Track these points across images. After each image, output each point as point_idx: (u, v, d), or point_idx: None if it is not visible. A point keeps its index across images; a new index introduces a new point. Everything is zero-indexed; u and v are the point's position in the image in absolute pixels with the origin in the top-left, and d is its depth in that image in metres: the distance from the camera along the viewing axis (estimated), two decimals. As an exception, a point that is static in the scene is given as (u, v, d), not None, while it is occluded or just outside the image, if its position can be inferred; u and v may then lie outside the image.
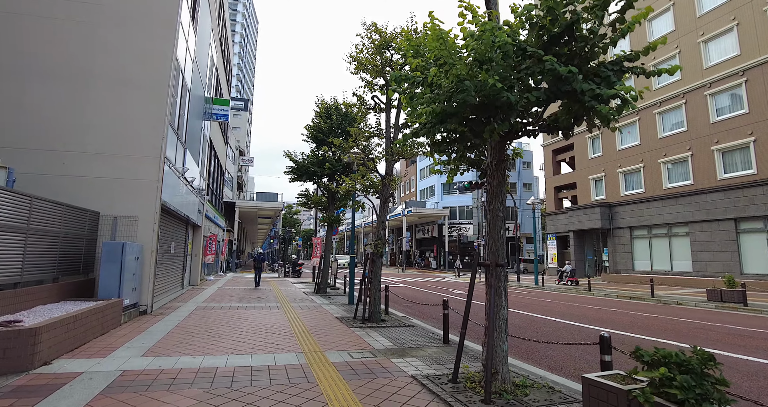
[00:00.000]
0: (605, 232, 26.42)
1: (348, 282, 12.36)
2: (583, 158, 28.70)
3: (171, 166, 10.32)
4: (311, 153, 15.43)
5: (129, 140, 9.20)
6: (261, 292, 14.69)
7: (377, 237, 9.10)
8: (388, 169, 9.33)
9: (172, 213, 11.65)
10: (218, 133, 23.81)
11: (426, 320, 9.81)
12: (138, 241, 8.84)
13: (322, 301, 12.38)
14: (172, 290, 12.79)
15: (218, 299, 12.26)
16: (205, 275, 20.80)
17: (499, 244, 4.71)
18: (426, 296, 15.62)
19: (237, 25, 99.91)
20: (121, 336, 6.42)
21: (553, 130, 4.71)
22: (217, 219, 24.17)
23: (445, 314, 6.90)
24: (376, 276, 8.92)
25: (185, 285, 15.63)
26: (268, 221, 47.12)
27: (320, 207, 16.29)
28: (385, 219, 9.28)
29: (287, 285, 18.23)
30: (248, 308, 10.38)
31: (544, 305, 13.25)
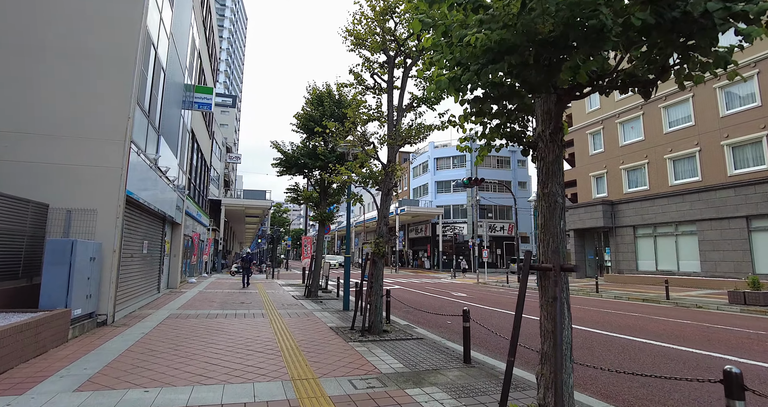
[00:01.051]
0: (607, 231, 25.49)
1: (343, 285, 11.09)
2: (583, 154, 27.77)
3: (140, 153, 8.95)
4: (301, 144, 14.12)
5: (87, 120, 7.83)
6: (245, 296, 13.34)
7: (378, 235, 7.85)
8: (390, 155, 8.09)
9: (143, 207, 10.27)
10: (202, 126, 22.36)
11: (432, 329, 8.60)
12: (97, 239, 7.48)
13: (313, 307, 11.09)
14: (144, 295, 11.39)
15: (196, 305, 10.90)
16: (187, 277, 19.35)
17: (560, 240, 3.50)
18: (426, 300, 14.41)
19: (225, 20, 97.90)
20: (61, 359, 5.08)
21: (630, 86, 3.52)
22: (201, 217, 22.70)
23: (466, 327, 5.67)
24: (378, 280, 7.68)
25: (162, 288, 14.21)
26: (256, 220, 45.56)
27: (311, 204, 14.99)
28: (387, 213, 8.04)
29: (275, 288, 16.89)
30: (228, 316, 9.06)
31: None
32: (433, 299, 14.71)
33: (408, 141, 8.00)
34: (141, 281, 11.03)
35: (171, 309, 9.83)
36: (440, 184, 46.29)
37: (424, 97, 8.44)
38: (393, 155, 8.08)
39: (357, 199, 9.26)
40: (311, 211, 15.64)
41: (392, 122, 8.21)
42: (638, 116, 23.86)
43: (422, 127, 8.12)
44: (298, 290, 16.28)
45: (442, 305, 12.81)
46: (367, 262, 8.11)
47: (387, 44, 8.50)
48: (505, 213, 44.96)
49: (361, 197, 9.34)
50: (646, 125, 23.45)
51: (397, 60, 8.63)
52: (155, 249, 12.89)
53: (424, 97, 8.44)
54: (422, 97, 8.46)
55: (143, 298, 11.19)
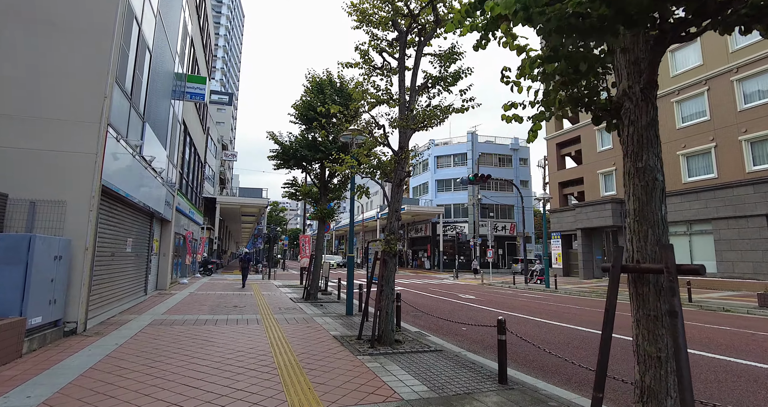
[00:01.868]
0: (616, 230, 24.63)
1: (346, 287, 10.13)
2: (590, 151, 26.92)
3: (120, 139, 7.96)
4: (300, 135, 13.14)
5: (56, 99, 6.84)
6: (239, 299, 12.36)
7: (389, 231, 6.90)
8: (402, 141, 7.14)
9: (125, 201, 9.27)
10: (195, 119, 21.34)
11: (447, 337, 7.66)
12: (66, 234, 6.49)
13: (313, 311, 10.12)
14: (128, 297, 10.39)
15: (185, 309, 9.91)
16: (178, 277, 18.33)
17: (662, 231, 2.57)
18: (434, 303, 13.46)
19: (222, 17, 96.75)
20: (3, 382, 4.10)
21: (753, 23, 2.57)
22: (194, 214, 21.68)
23: (501, 341, 4.71)
24: (389, 283, 6.73)
25: (150, 290, 13.20)
26: (252, 219, 44.53)
27: (310, 200, 14.01)
28: (399, 207, 7.09)
29: (272, 290, 15.91)
30: (219, 323, 8.07)
31: (586, 316, 11.20)
32: (440, 302, 13.77)
33: (424, 124, 7.04)
34: (124, 282, 10.03)
35: (156, 314, 8.83)
36: (441, 183, 45.37)
37: (440, 76, 7.49)
38: (406, 141, 7.13)
39: (363, 192, 8.31)
40: (310, 208, 14.67)
41: (404, 104, 7.26)
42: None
43: (439, 108, 7.16)
44: (296, 292, 15.30)
45: (453, 309, 11.87)
46: (376, 262, 7.16)
47: (398, 18, 7.55)
48: (506, 212, 44.11)
49: (367, 189, 8.39)
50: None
51: (409, 37, 7.70)
52: (142, 247, 11.89)
53: (440, 75, 7.49)
54: (438, 76, 7.52)
55: (127, 301, 10.19)
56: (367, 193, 8.39)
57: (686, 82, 21.05)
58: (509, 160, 45.40)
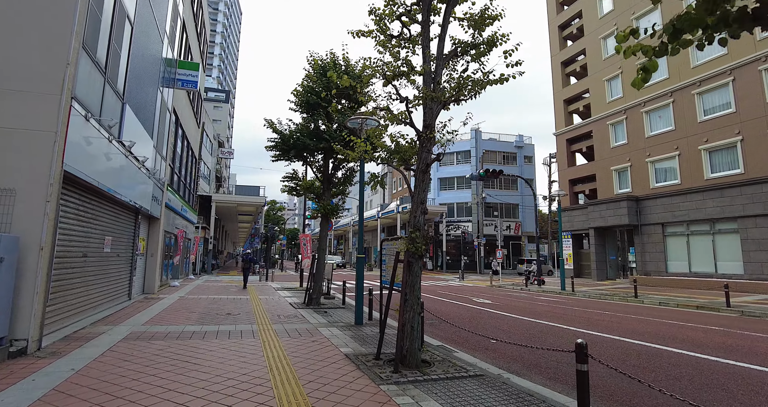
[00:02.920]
0: (632, 229, 23.49)
1: (354, 291, 8.89)
2: (603, 147, 25.75)
3: (91, 118, 6.71)
4: (302, 122, 11.89)
5: (1, 63, 5.58)
6: (234, 304, 11.11)
7: (413, 227, 5.68)
8: (428, 118, 5.91)
9: (101, 193, 8.02)
10: (188, 111, 20.05)
11: (478, 353, 6.46)
12: (14, 231, 5.24)
13: (317, 320, 8.88)
14: (106, 304, 9.13)
15: (170, 317, 8.65)
16: (169, 279, 17.05)
17: None
18: (448, 308, 12.24)
19: (219, 14, 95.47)
20: None
21: None
22: (187, 212, 20.39)
23: (582, 372, 3.46)
24: (414, 291, 5.50)
25: (135, 294, 11.94)
26: (249, 219, 43.21)
27: (312, 195, 12.75)
28: (424, 197, 5.86)
29: (269, 293, 14.66)
30: (208, 336, 6.83)
31: (618, 322, 9.99)
32: (455, 307, 12.54)
33: (455, 97, 5.82)
34: (101, 287, 8.77)
35: (135, 325, 7.57)
36: (443, 181, 44.18)
37: (472, 42, 6.26)
38: (432, 117, 5.90)
39: (377, 181, 7.07)
40: (312, 203, 13.41)
41: (429, 74, 6.03)
42: (668, 104, 21.86)
43: (471, 80, 5.91)
44: (296, 296, 14.06)
45: (472, 316, 10.65)
46: (397, 265, 5.94)
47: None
48: (511, 211, 42.96)
49: (383, 178, 7.16)
50: (676, 114, 21.44)
51: (434, 2, 6.47)
52: (124, 247, 10.62)
53: (473, 41, 6.26)
54: (470, 43, 6.28)
55: (104, 309, 8.93)
56: (383, 182, 7.16)
57: (709, 72, 19.90)
58: (513, 157, 44.24)
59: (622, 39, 2.54)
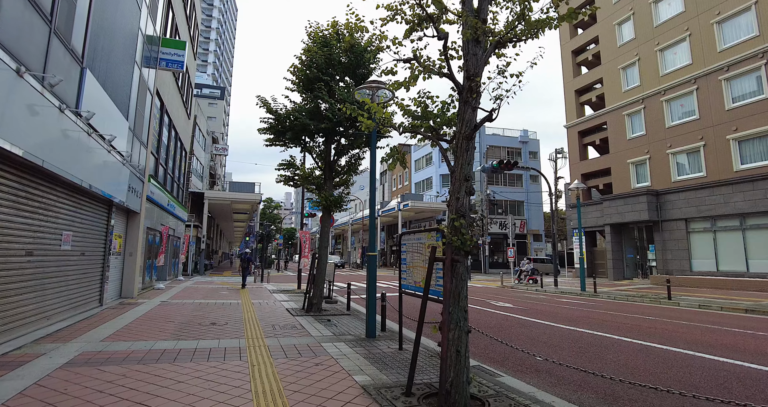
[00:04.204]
0: (651, 226, 22.07)
1: (366, 296, 7.35)
2: (619, 139, 24.32)
3: (25, 73, 5.15)
4: (300, 103, 10.34)
5: None
6: (222, 311, 9.57)
7: (457, 212, 4.17)
8: (472, 67, 4.38)
9: (52, 177, 6.48)
10: (177, 99, 18.44)
11: (528, 376, 4.97)
12: None
13: (319, 332, 7.35)
14: (64, 313, 7.58)
15: (140, 330, 7.10)
16: (154, 281, 15.48)
17: None
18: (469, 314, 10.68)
19: (214, 9, 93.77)
20: None
21: None
22: (175, 208, 18.81)
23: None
24: (460, 302, 3.98)
25: (108, 299, 10.38)
26: (244, 217, 41.63)
27: (311, 186, 11.19)
28: (469, 173, 4.34)
29: (264, 296, 13.11)
30: (181, 356, 5.29)
31: (674, 331, 8.51)
32: (476, 312, 11.06)
33: (510, 37, 4.30)
34: (56, 293, 7.22)
35: (90, 342, 6.02)
36: (446, 178, 42.65)
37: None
38: (478, 66, 4.38)
39: (398, 158, 5.54)
40: (312, 195, 11.88)
41: (471, 11, 4.51)
42: (691, 92, 20.43)
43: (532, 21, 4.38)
44: (294, 299, 12.53)
45: (498, 324, 9.15)
46: (432, 266, 4.44)
47: None
48: (516, 208, 41.51)
49: (404, 155, 5.63)
50: (700, 101, 20.01)
51: None
52: (93, 244, 9.07)
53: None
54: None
55: (60, 319, 7.37)
56: (403, 160, 5.63)
57: (739, 56, 18.47)
58: (518, 153, 42.81)
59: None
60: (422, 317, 4.25)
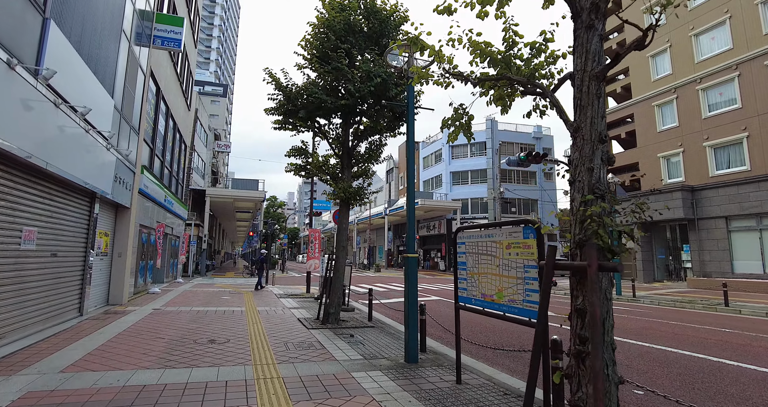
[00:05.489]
0: (685, 224, 20.47)
1: (405, 310, 5.81)
2: (648, 131, 22.73)
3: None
4: (314, 79, 8.80)
5: None
6: (223, 322, 8.08)
7: (591, 190, 2.65)
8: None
9: (5, 156, 4.99)
10: (176, 87, 16.97)
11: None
12: None
13: (344, 353, 5.84)
14: (26, 330, 6.11)
15: (117, 351, 5.61)
16: (149, 284, 14.02)
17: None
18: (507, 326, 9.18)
19: (216, 6, 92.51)
20: None
21: None
22: (173, 205, 17.35)
23: None
24: (605, 335, 2.45)
25: (91, 307, 8.91)
26: (247, 216, 40.18)
27: (325, 177, 9.67)
28: (603, 131, 2.84)
29: (270, 302, 11.61)
30: (165, 400, 3.80)
31: (746, 344, 6.96)
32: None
33: None
34: (12, 304, 5.73)
35: (46, 372, 4.53)
36: (456, 175, 41.15)
37: None
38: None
39: (462, 124, 4.01)
40: (323, 185, 10.37)
41: None
42: (731, 79, 18.82)
43: None
44: (304, 305, 11.04)
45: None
46: (548, 271, 2.91)
47: None
48: (529, 207, 39.91)
49: (471, 119, 4.12)
50: (743, 89, 18.41)
51: None
52: (68, 243, 7.59)
53: None
54: None
55: (21, 336, 5.89)
56: (469, 125, 4.11)
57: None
58: (532, 149, 41.12)
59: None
60: (542, 354, 2.72)
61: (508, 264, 3.90)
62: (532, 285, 3.60)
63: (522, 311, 3.70)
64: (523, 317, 3.67)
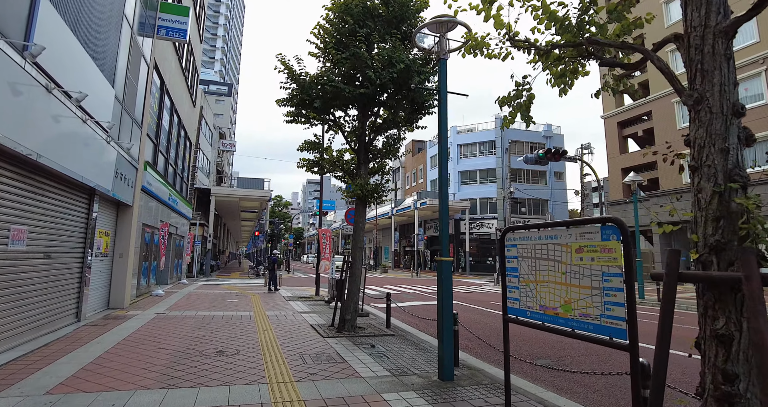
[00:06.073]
0: (708, 225, 19.65)
1: (438, 321, 5.16)
2: (667, 128, 21.97)
3: None
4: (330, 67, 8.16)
5: None
6: (231, 329, 7.45)
7: (729, 178, 1.99)
8: None
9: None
10: (180, 82, 16.41)
11: None
12: None
13: (371, 370, 5.19)
14: (15, 339, 5.49)
15: (114, 368, 4.99)
16: (152, 286, 13.44)
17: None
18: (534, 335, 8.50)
19: (221, 5, 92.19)
20: None
21: None
22: (177, 203, 16.79)
23: None
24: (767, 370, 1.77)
25: (90, 311, 8.33)
26: (252, 216, 39.60)
27: (338, 173, 9.04)
28: (738, 102, 2.19)
29: (280, 306, 10.99)
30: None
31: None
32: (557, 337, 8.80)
33: None
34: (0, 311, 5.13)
35: (31, 393, 3.92)
36: (464, 175, 40.45)
37: None
38: None
39: (521, 105, 3.37)
40: (338, 181, 9.76)
41: None
42: (758, 73, 18.08)
43: None
44: (316, 310, 10.41)
45: (619, 361, 6.96)
46: (668, 282, 2.26)
47: None
48: (539, 207, 39.16)
49: (532, 99, 3.48)
50: (771, 84, 17.63)
51: None
52: (64, 244, 7.00)
53: None
54: None
55: (8, 348, 5.28)
56: (527, 108, 3.48)
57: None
58: (542, 148, 40.34)
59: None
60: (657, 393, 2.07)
61: (579, 271, 3.25)
62: (615, 298, 2.95)
63: (600, 328, 3.04)
64: (600, 335, 3.02)
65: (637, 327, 2.79)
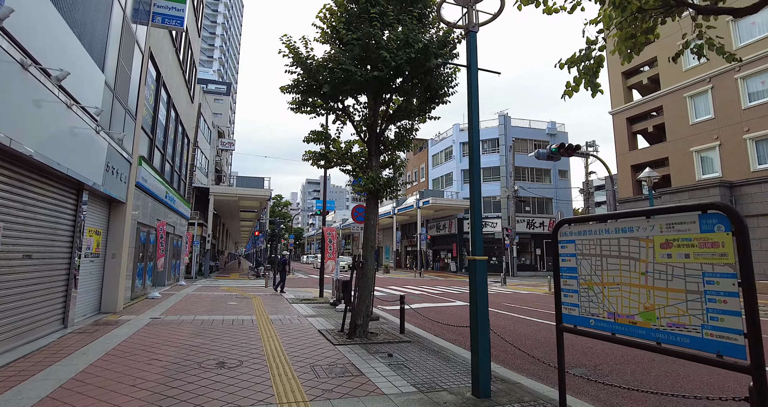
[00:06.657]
0: (724, 223, 19.05)
1: (471, 330, 4.51)
2: (679, 124, 21.36)
3: None
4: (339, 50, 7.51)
5: None
6: (232, 337, 6.80)
7: None
8: None
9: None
10: (177, 72, 15.75)
11: None
12: None
13: (393, 384, 4.54)
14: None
15: (97, 387, 4.34)
16: (148, 288, 12.79)
17: None
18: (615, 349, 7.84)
19: (220, 4, 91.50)
20: None
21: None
22: (175, 202, 16.13)
23: None
24: None
25: (77, 317, 7.67)
26: (252, 215, 38.93)
27: (347, 168, 8.40)
28: None
29: (283, 309, 10.34)
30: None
31: None
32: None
33: None
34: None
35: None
36: (467, 173, 39.72)
37: None
38: None
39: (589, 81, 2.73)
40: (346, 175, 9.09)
41: None
42: (775, 66, 17.43)
43: None
44: (322, 313, 9.76)
45: (712, 381, 6.32)
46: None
47: None
48: (544, 206, 38.54)
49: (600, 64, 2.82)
50: (789, 76, 17.03)
51: None
52: (47, 242, 6.34)
53: None
54: None
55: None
56: (595, 74, 2.84)
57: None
58: (546, 146, 39.76)
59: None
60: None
61: (667, 270, 2.62)
62: (725, 304, 2.32)
63: (701, 342, 2.41)
64: (703, 352, 2.39)
65: (762, 343, 2.15)
